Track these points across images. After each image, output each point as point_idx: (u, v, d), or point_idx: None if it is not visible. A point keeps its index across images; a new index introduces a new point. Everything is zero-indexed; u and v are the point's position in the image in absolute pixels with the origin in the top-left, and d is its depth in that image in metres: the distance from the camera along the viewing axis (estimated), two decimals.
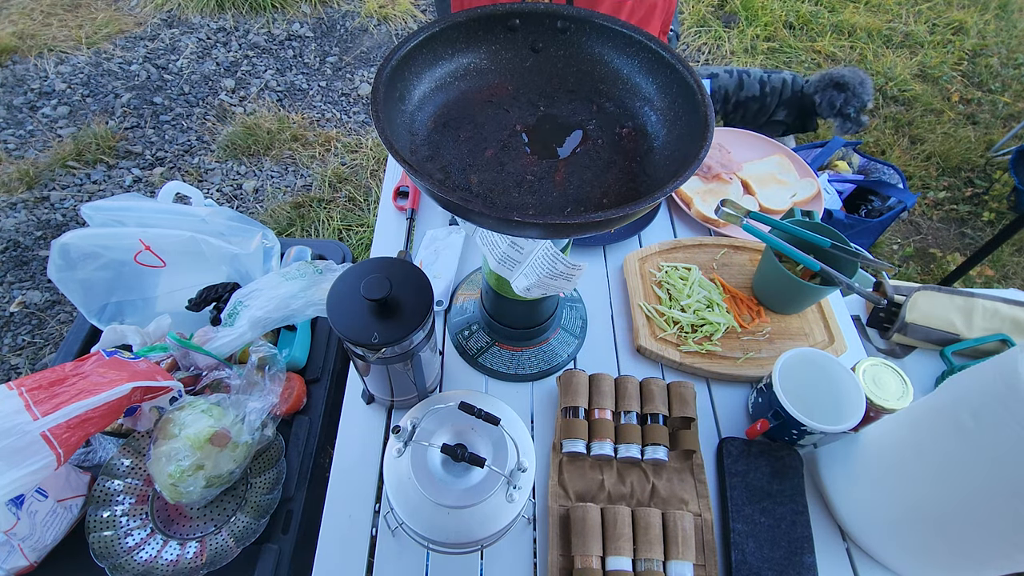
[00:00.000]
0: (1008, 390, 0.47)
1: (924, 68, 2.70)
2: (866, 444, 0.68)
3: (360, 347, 0.59)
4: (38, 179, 2.01)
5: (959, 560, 0.58)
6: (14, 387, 0.61)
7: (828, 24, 2.88)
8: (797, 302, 0.86)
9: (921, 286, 0.99)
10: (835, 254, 0.80)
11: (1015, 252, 2.05)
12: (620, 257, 0.97)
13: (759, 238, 0.83)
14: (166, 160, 2.13)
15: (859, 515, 0.68)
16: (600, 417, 0.74)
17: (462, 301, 0.89)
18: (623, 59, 0.58)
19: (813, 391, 0.72)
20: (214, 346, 0.78)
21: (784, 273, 0.81)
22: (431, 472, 0.55)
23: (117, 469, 0.73)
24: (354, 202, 2.04)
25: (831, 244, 0.80)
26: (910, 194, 1.68)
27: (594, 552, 0.64)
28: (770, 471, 0.73)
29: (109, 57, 2.48)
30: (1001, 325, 0.94)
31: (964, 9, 3.06)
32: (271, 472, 0.75)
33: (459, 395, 0.60)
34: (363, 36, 2.71)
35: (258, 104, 2.35)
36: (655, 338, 0.85)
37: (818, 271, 0.79)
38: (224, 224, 0.87)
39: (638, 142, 0.57)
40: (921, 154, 2.32)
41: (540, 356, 0.83)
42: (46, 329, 1.68)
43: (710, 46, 2.74)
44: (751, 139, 1.18)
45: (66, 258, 0.81)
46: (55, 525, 0.68)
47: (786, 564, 0.66)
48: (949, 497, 0.55)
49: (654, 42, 0.55)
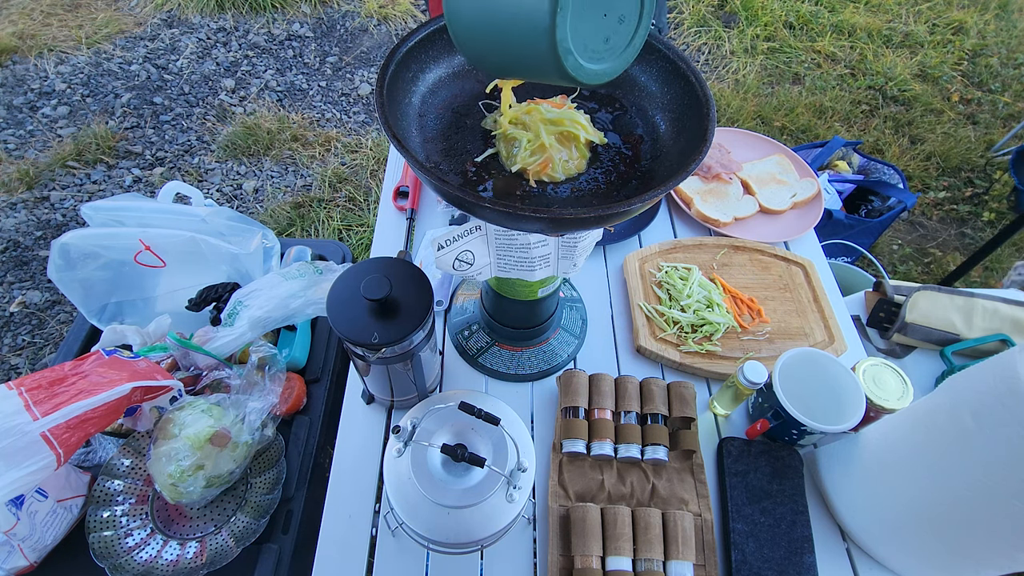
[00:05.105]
0: (1008, 390, 0.47)
1: (924, 68, 2.70)
2: (866, 444, 0.68)
3: (360, 347, 0.59)
4: (38, 179, 2.01)
5: (959, 560, 0.58)
6: (14, 387, 0.61)
7: (828, 24, 2.88)
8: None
9: (921, 286, 0.99)
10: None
11: (1015, 252, 2.05)
12: (620, 257, 0.97)
13: None
14: (166, 160, 2.13)
15: (859, 515, 0.68)
16: (600, 417, 0.74)
17: (462, 301, 0.89)
18: (640, 66, 0.58)
19: (813, 391, 0.71)
20: (214, 346, 0.78)
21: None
22: (431, 472, 0.55)
23: (117, 469, 0.73)
24: (354, 202, 2.04)
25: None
26: (910, 194, 1.68)
27: (594, 552, 0.64)
28: (770, 471, 0.73)
29: (109, 57, 2.48)
30: (1001, 325, 0.94)
31: (964, 9, 3.06)
32: (271, 472, 0.75)
33: (459, 395, 0.60)
34: (363, 36, 2.71)
35: (258, 104, 2.35)
36: (655, 338, 0.85)
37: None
38: (224, 224, 0.87)
39: (642, 140, 0.57)
40: (921, 154, 2.32)
41: (540, 356, 0.83)
42: (46, 329, 1.68)
43: (710, 46, 2.74)
44: (751, 139, 1.18)
45: (66, 258, 0.81)
46: (55, 525, 0.68)
47: (786, 564, 0.66)
48: (949, 497, 0.55)
49: (671, 50, 0.55)
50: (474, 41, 0.41)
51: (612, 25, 0.40)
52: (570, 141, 0.54)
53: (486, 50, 0.41)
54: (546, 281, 0.69)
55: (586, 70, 0.39)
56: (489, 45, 0.40)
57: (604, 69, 0.41)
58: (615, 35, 0.41)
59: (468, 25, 0.40)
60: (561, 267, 0.64)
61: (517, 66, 0.41)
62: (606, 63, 0.41)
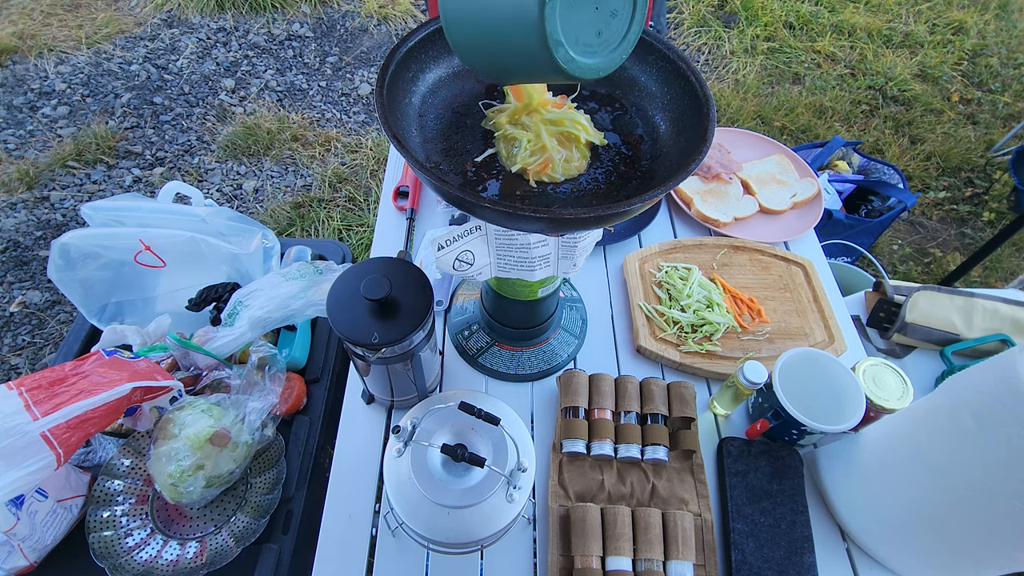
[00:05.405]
0: (1008, 390, 0.47)
1: (924, 68, 2.70)
2: (866, 444, 0.68)
3: (360, 347, 0.59)
4: (38, 179, 2.01)
5: (959, 560, 0.58)
6: (14, 387, 0.61)
7: (828, 24, 2.88)
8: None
9: (921, 286, 0.99)
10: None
11: (1015, 252, 2.05)
12: (620, 257, 0.97)
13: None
14: (166, 160, 2.13)
15: (859, 515, 0.68)
16: (600, 417, 0.74)
17: (462, 301, 0.89)
18: (640, 66, 0.58)
19: (813, 391, 0.71)
20: (214, 346, 0.78)
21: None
22: (431, 472, 0.55)
23: (117, 469, 0.73)
24: (354, 202, 2.04)
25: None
26: (910, 194, 1.68)
27: (594, 552, 0.64)
28: (770, 471, 0.73)
29: (109, 57, 2.48)
30: (1001, 325, 0.94)
31: (964, 9, 3.06)
32: (271, 472, 0.75)
33: (459, 395, 0.60)
34: (363, 36, 2.71)
35: (258, 104, 2.35)
36: (655, 338, 0.85)
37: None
38: (224, 224, 0.87)
39: (642, 140, 0.57)
40: (921, 154, 2.32)
41: (540, 356, 0.83)
42: (46, 329, 1.68)
43: (710, 46, 2.74)
44: (751, 139, 1.18)
45: (66, 258, 0.81)
46: (55, 525, 0.68)
47: (786, 564, 0.66)
48: (949, 497, 0.55)
49: (671, 50, 0.55)
50: (468, 41, 0.41)
51: (604, 19, 0.40)
52: (571, 142, 0.54)
53: (481, 50, 0.42)
54: (546, 281, 0.69)
55: (578, 64, 0.40)
56: (483, 45, 0.41)
57: (597, 64, 0.41)
58: (608, 29, 0.41)
59: (461, 24, 0.40)
60: (561, 267, 0.64)
61: (511, 65, 0.41)
62: (598, 57, 0.42)
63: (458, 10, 0.40)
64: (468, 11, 0.39)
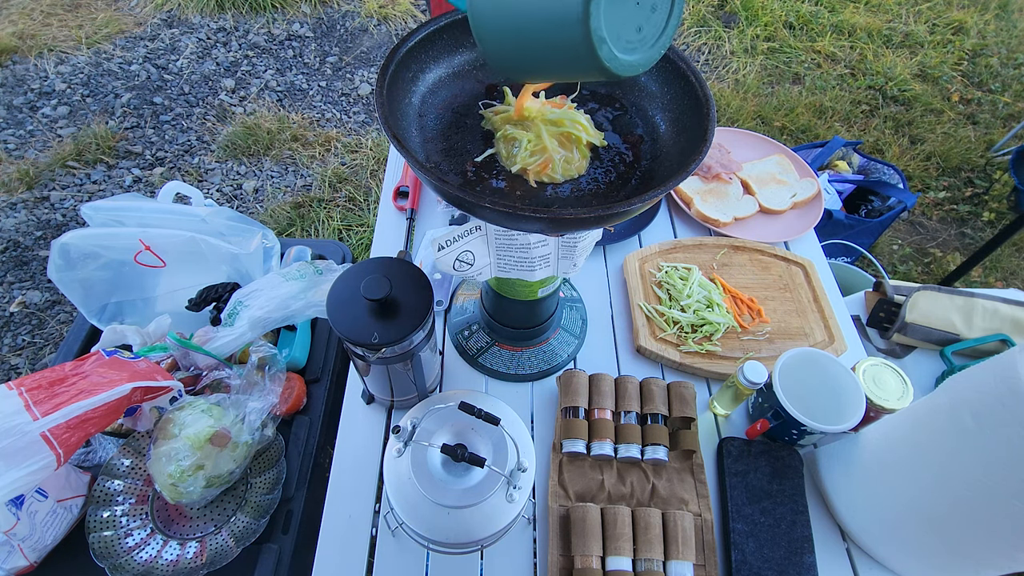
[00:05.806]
0: (1008, 390, 0.47)
1: (924, 68, 2.70)
2: (866, 444, 0.68)
3: (360, 347, 0.59)
4: (38, 179, 2.01)
5: (959, 560, 0.58)
6: (14, 387, 0.61)
7: (828, 24, 2.88)
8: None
9: (921, 286, 0.99)
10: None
11: (1015, 252, 2.05)
12: (620, 257, 0.97)
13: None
14: (166, 160, 2.13)
15: (859, 515, 0.68)
16: (600, 417, 0.74)
17: (462, 301, 0.89)
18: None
19: (813, 391, 0.71)
20: (214, 346, 0.78)
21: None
22: (431, 472, 0.55)
23: (117, 469, 0.73)
24: (354, 202, 2.04)
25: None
26: (910, 194, 1.68)
27: (594, 552, 0.64)
28: (770, 471, 0.73)
29: (109, 57, 2.48)
30: (1001, 325, 0.94)
31: (964, 9, 3.06)
32: (271, 472, 0.75)
33: (459, 395, 0.60)
34: (363, 36, 2.71)
35: (258, 104, 2.34)
36: (655, 338, 0.85)
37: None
38: (224, 224, 0.87)
39: (642, 140, 0.57)
40: (921, 154, 2.32)
41: (540, 356, 0.83)
42: (46, 329, 1.68)
43: (710, 46, 2.74)
44: (751, 139, 1.18)
45: (66, 258, 0.81)
46: (55, 525, 0.68)
47: (786, 564, 0.66)
48: (949, 497, 0.55)
49: (671, 50, 0.55)
50: (497, 35, 0.39)
51: (645, 14, 0.39)
52: (571, 142, 0.54)
53: (510, 44, 0.39)
54: (546, 281, 0.69)
55: (620, 61, 0.38)
56: (514, 40, 0.39)
57: (637, 60, 0.40)
58: (647, 24, 0.39)
59: (492, 17, 0.38)
60: (561, 267, 0.64)
61: (543, 62, 0.39)
62: (638, 54, 0.40)
63: (490, 7, 0.38)
64: (502, 4, 0.37)
